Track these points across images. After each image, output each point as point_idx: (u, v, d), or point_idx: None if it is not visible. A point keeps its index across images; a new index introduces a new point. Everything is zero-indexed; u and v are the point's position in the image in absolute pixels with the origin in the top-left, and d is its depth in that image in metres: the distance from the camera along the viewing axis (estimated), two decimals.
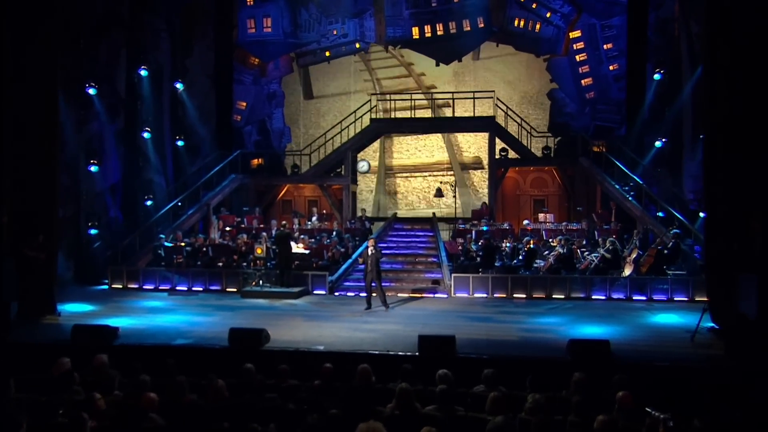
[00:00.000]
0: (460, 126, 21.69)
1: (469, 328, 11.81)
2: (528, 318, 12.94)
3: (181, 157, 22.70)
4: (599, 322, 12.35)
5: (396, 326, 12.02)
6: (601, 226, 18.52)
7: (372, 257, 13.64)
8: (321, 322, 12.40)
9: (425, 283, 16.83)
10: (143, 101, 20.88)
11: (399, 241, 19.91)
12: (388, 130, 22.17)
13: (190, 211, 20.27)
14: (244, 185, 22.21)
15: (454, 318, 12.93)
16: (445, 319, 12.83)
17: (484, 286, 15.77)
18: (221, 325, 11.88)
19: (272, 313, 13.59)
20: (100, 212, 19.50)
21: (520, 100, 23.29)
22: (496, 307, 14.35)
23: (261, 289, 15.88)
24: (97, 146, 19.64)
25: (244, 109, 24.19)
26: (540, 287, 15.60)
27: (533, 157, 21.45)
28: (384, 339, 10.90)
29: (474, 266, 16.53)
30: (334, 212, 21.85)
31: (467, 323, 12.38)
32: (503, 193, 22.40)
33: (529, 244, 16.77)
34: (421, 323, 12.24)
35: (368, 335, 11.22)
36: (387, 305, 13.75)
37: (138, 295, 16.15)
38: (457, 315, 13.27)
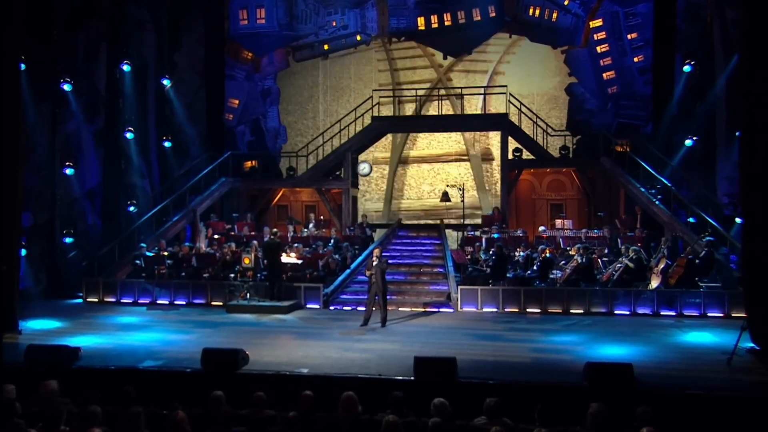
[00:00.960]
0: (470, 124, 21.02)
1: (474, 348, 11.13)
2: (541, 336, 12.24)
3: (168, 159, 22.25)
4: (622, 341, 11.63)
5: (393, 345, 11.37)
6: (625, 234, 17.83)
7: (377, 268, 13.00)
8: (309, 341, 11.78)
9: (430, 296, 16.16)
10: (126, 99, 20.45)
11: (403, 249, 19.24)
12: (391, 129, 21.53)
13: (176, 218, 19.74)
14: (235, 189, 21.66)
15: (459, 336, 12.27)
16: (449, 337, 12.18)
17: (494, 299, 15.09)
18: (198, 344, 11.25)
19: (257, 330, 13.01)
20: (77, 219, 19.06)
21: (535, 96, 22.61)
22: (506, 323, 13.68)
23: (248, 303, 15.31)
24: (73, 147, 19.23)
25: (236, 108, 23.70)
26: (556, 301, 14.90)
27: (550, 157, 20.73)
28: (377, 361, 10.25)
29: (483, 277, 15.85)
30: (333, 218, 21.22)
31: (473, 342, 11.70)
32: (517, 197, 21.70)
33: (544, 253, 16.09)
34: (421, 342, 11.61)
35: (360, 356, 10.57)
36: (385, 322, 13.08)
37: (114, 309, 15.63)
38: (462, 332, 12.60)
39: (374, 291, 13.13)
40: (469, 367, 9.62)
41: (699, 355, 10.69)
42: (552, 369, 9.73)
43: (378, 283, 13.02)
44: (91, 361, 10.18)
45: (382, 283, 13.08)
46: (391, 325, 13.42)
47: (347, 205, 20.91)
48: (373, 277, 13.07)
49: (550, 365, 9.97)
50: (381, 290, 13.08)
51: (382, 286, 13.06)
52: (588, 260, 15.77)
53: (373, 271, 13.07)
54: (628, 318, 14.28)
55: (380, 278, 13.00)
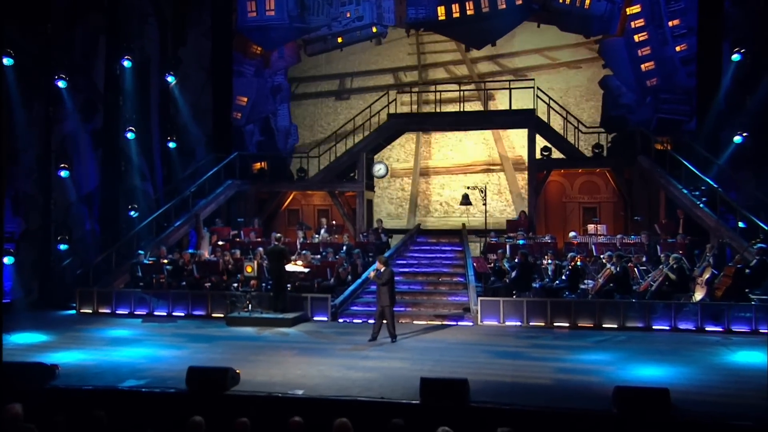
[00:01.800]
0: (494, 121, 20.38)
1: (491, 367, 10.52)
2: (568, 354, 11.58)
3: (173, 161, 21.99)
4: (659, 361, 10.92)
5: (401, 363, 10.81)
6: (665, 240, 17.08)
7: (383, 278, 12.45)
8: (311, 357, 11.29)
9: (448, 308, 15.57)
10: (126, 97, 20.23)
11: (421, 257, 18.73)
12: (409, 127, 20.97)
13: (178, 223, 19.42)
14: (242, 193, 21.30)
15: (476, 353, 11.67)
16: (465, 354, 11.60)
17: (518, 312, 14.44)
18: (189, 361, 10.86)
19: (256, 345, 12.56)
20: (73, 224, 18.84)
21: (565, 90, 21.88)
22: (530, 338, 13.04)
23: (250, 315, 14.86)
24: (70, 148, 19.04)
25: (244, 106, 23.40)
26: (587, 314, 14.23)
27: (582, 157, 20.01)
28: (382, 381, 9.71)
29: (506, 288, 15.22)
30: (346, 224, 20.72)
31: (490, 360, 11.09)
32: (546, 201, 20.99)
33: (574, 262, 15.38)
34: (433, 360, 11.05)
35: (363, 375, 10.03)
36: (395, 337, 12.51)
37: (107, 322, 15.31)
38: (480, 348, 12.00)
39: (380, 304, 12.55)
40: (483, 390, 9.03)
41: (748, 378, 9.86)
42: (577, 393, 9.06)
43: (384, 294, 12.46)
44: (69, 380, 9.77)
45: (390, 295, 12.47)
46: (403, 339, 12.87)
47: (361, 209, 20.40)
48: (380, 287, 12.49)
49: (575, 388, 9.30)
50: (388, 302, 12.48)
51: (388, 299, 12.47)
52: (623, 269, 15.05)
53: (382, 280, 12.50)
54: (667, 334, 13.56)
55: (386, 290, 12.41)
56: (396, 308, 15.34)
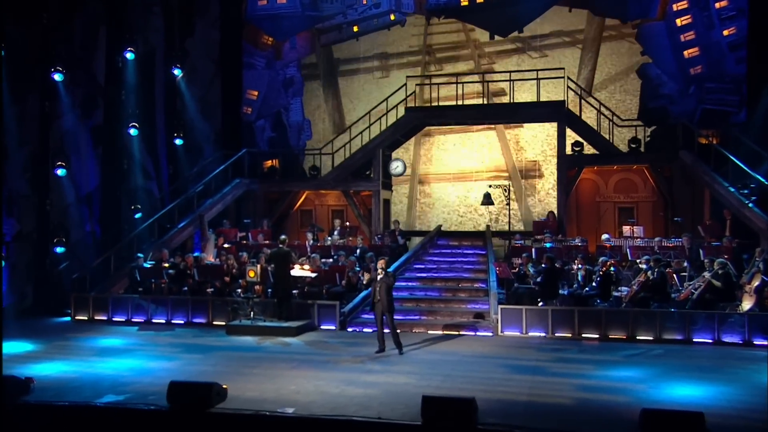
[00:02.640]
0: (521, 114, 19.75)
1: (506, 384, 9.97)
2: (595, 369, 10.98)
3: (180, 159, 21.76)
4: (698, 379, 10.26)
5: (407, 378, 10.31)
6: (709, 243, 16.33)
7: (381, 283, 11.93)
8: (310, 371, 10.88)
9: (466, 316, 15.05)
10: (129, 91, 19.99)
11: (441, 261, 18.25)
12: (429, 121, 20.43)
13: (181, 224, 19.14)
14: (251, 192, 20.98)
15: (492, 367, 11.14)
16: (479, 368, 11.08)
17: (543, 321, 13.86)
18: (177, 374, 10.63)
19: (254, 356, 12.19)
20: (71, 226, 18.67)
21: (599, 80, 21.24)
22: (554, 351, 12.48)
23: (252, 323, 14.50)
24: (68, 146, 18.88)
25: (255, 100, 23.12)
26: (619, 325, 13.64)
27: (617, 152, 19.32)
28: (383, 398, 9.24)
29: (530, 295, 14.61)
30: (361, 225, 20.26)
31: (506, 376, 10.54)
32: (578, 200, 20.31)
33: (605, 267, 14.69)
34: (442, 375, 10.55)
35: (363, 392, 9.56)
36: (401, 347, 12.00)
37: (101, 329, 15.12)
38: (497, 362, 11.46)
39: (380, 310, 12.03)
40: (494, 410, 8.51)
41: None
42: (600, 415, 8.47)
43: (383, 300, 11.93)
44: (43, 394, 9.46)
45: (387, 302, 11.97)
46: (413, 351, 12.39)
47: (377, 210, 19.94)
48: (377, 294, 11.97)
49: (598, 410, 8.70)
50: (387, 310, 11.97)
51: (387, 305, 11.96)
52: (661, 275, 14.38)
53: (378, 285, 11.97)
54: (710, 348, 12.90)
55: (385, 295, 11.92)
56: (410, 317, 15.05)
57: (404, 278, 17.21)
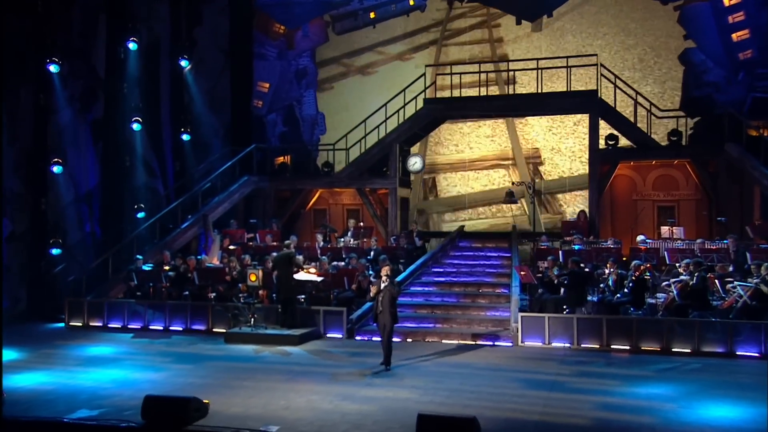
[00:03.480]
0: (550, 105, 19.13)
1: (518, 401, 9.47)
2: (620, 385, 10.42)
3: (187, 155, 21.60)
4: (737, 398, 9.65)
5: (409, 393, 9.86)
6: (758, 245, 15.62)
7: (385, 292, 11.45)
8: (304, 384, 10.51)
9: (485, 324, 14.55)
10: (131, 83, 19.84)
11: (461, 264, 17.80)
12: (449, 113, 19.91)
13: (185, 224, 18.91)
14: (260, 190, 20.67)
15: (505, 381, 10.66)
16: (491, 382, 10.61)
17: (567, 331, 13.31)
18: (162, 386, 10.44)
19: (248, 367, 11.87)
20: (69, 226, 18.55)
21: (635, 67, 20.58)
22: (578, 364, 11.97)
23: (252, 331, 14.19)
24: (67, 141, 18.77)
25: (266, 92, 22.88)
26: (653, 335, 13.05)
27: (655, 145, 18.62)
28: (378, 415, 8.84)
29: (556, 302, 14.02)
30: (377, 225, 19.83)
31: (520, 391, 10.02)
32: (613, 198, 19.62)
33: (639, 271, 14.04)
34: (450, 389, 10.11)
35: (358, 408, 9.15)
36: (388, 364, 11.46)
37: (94, 337, 14.95)
38: (511, 376, 10.96)
39: (383, 322, 11.52)
40: (499, 429, 8.11)
41: None
42: None
43: (385, 311, 11.41)
44: (14, 408, 9.18)
45: (391, 313, 11.43)
46: (422, 363, 12.00)
47: (393, 209, 19.49)
48: (380, 304, 11.48)
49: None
50: (389, 322, 11.44)
51: (390, 317, 11.43)
52: (701, 280, 13.73)
53: (381, 294, 11.49)
54: (755, 362, 12.20)
55: (388, 306, 11.40)
56: (424, 324, 14.65)
57: (420, 282, 16.80)
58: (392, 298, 11.48)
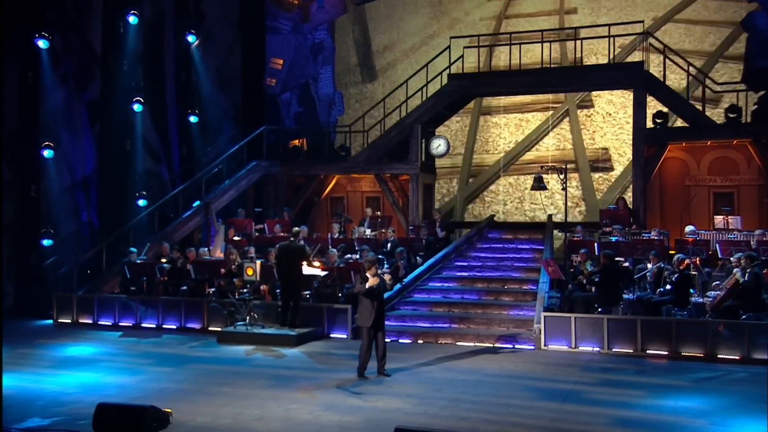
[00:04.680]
0: (589, 80, 18.33)
1: (523, 413, 8.95)
2: (647, 396, 9.79)
3: (195, 138, 21.35)
4: None
5: (403, 403, 9.40)
6: None
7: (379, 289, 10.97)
8: (289, 390, 10.15)
9: (506, 325, 13.99)
10: (132, 60, 19.61)
11: (488, 257, 17.30)
12: (477, 90, 19.21)
13: (186, 214, 18.66)
14: (271, 176, 20.32)
15: (515, 390, 10.11)
16: (498, 391, 10.08)
17: (597, 333, 12.67)
18: (133, 391, 10.17)
19: (233, 371, 11.56)
20: (63, 215, 18.45)
21: (687, 36, 19.64)
22: (604, 371, 11.36)
23: (248, 330, 13.84)
24: (61, 123, 18.66)
25: (280, 70, 22.56)
26: (695, 339, 12.37)
27: (710, 124, 17.69)
28: (361, 427, 8.53)
29: (585, 300, 13.38)
30: (396, 214, 19.32)
31: (529, 402, 9.48)
32: (662, 184, 18.78)
33: (683, 266, 13.26)
34: (449, 398, 9.64)
35: (339, 419, 8.73)
36: (364, 371, 10.89)
37: (79, 335, 14.83)
38: (524, 384, 10.41)
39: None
40: None
41: None
42: None
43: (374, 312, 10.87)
44: None
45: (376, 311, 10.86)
46: (427, 367, 11.56)
47: (415, 197, 18.95)
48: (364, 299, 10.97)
49: None
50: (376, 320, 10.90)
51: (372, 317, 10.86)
52: (754, 277, 12.89)
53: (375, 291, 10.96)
54: None
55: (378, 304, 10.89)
56: (437, 324, 14.18)
57: (440, 278, 16.33)
58: (381, 291, 10.98)
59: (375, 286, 10.82)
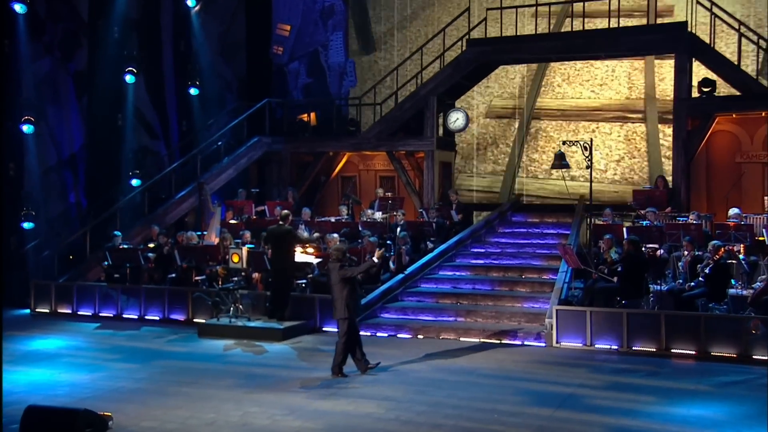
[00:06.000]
0: (622, 44, 17.51)
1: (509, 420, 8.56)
2: (655, 403, 9.26)
3: (195, 113, 21.19)
4: None
5: (376, 407, 9.06)
6: None
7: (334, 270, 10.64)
8: (255, 391, 9.88)
9: (517, 319, 13.52)
10: (123, 27, 19.47)
11: (508, 243, 16.93)
12: (498, 57, 18.56)
13: (180, 194, 18.51)
14: (274, 154, 19.98)
15: (507, 393, 9.68)
16: (488, 394, 9.63)
17: (615, 329, 12.15)
18: (82, 391, 9.93)
19: (204, 368, 11.35)
20: (49, 196, 18.49)
21: None
22: (615, 372, 10.86)
23: (231, 322, 13.63)
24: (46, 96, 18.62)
25: (287, 36, 22.18)
26: (728, 337, 11.75)
27: (766, 93, 16.78)
28: None
29: (605, 292, 12.82)
30: (410, 196, 18.87)
31: (519, 407, 9.07)
32: (709, 160, 17.95)
33: (718, 254, 12.62)
34: (430, 402, 9.26)
35: (299, 426, 8.47)
36: (340, 369, 10.53)
37: (53, 326, 14.87)
38: (519, 387, 9.99)
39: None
40: None
41: None
42: None
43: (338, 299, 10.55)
44: None
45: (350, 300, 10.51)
46: (417, 366, 11.18)
47: (430, 176, 18.45)
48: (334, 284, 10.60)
49: None
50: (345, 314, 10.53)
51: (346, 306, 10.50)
52: None
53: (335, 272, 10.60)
54: None
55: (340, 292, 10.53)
56: (442, 318, 13.83)
57: (452, 266, 15.94)
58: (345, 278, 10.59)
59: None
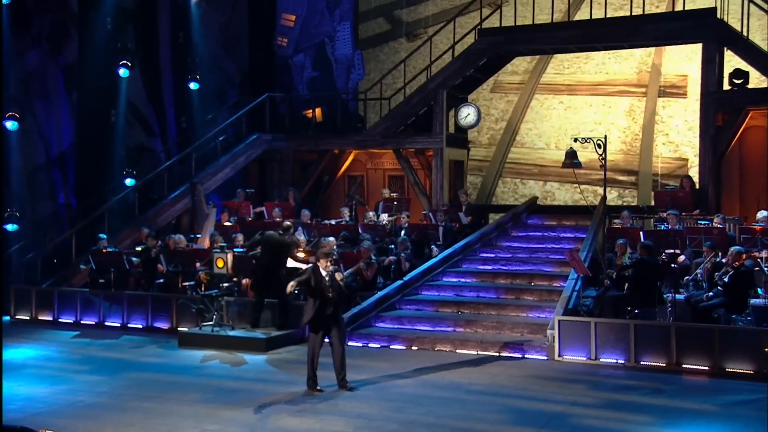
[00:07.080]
0: (645, 32, 17.20)
1: None
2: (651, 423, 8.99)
3: (195, 108, 21.22)
4: None
5: (344, 426, 8.92)
6: None
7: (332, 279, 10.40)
8: (217, 408, 9.69)
9: (519, 330, 13.30)
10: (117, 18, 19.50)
11: (520, 248, 16.76)
12: (512, 48, 18.35)
13: (173, 195, 18.49)
14: (275, 152, 19.92)
15: (490, 411, 9.44)
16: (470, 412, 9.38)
17: (622, 342, 11.86)
18: (36, 405, 9.88)
19: (173, 381, 11.27)
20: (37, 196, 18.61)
21: None
22: (616, 389, 10.59)
23: (213, 332, 13.54)
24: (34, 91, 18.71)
25: (292, 27, 22.18)
26: (745, 352, 11.34)
27: None
28: None
29: (614, 301, 12.50)
30: (418, 196, 18.67)
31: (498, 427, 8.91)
32: (742, 158, 17.62)
33: (739, 261, 12.23)
34: (405, 420, 9.07)
35: None
36: (315, 383, 10.37)
37: (29, 335, 14.81)
38: (504, 405, 9.75)
39: None
40: None
41: None
42: None
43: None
44: None
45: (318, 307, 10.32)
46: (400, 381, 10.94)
47: (439, 175, 18.22)
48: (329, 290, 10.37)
49: None
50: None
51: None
52: None
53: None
54: None
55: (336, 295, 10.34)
56: (439, 328, 13.62)
57: (458, 272, 15.72)
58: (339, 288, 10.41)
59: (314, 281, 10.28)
